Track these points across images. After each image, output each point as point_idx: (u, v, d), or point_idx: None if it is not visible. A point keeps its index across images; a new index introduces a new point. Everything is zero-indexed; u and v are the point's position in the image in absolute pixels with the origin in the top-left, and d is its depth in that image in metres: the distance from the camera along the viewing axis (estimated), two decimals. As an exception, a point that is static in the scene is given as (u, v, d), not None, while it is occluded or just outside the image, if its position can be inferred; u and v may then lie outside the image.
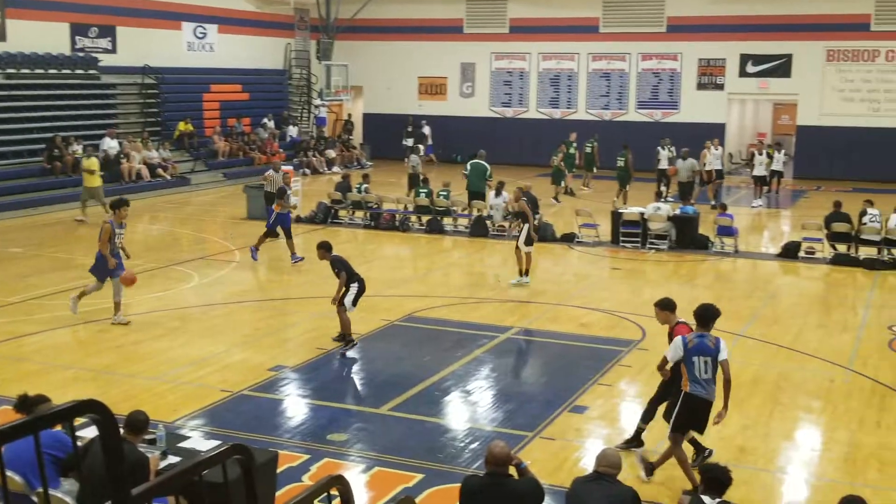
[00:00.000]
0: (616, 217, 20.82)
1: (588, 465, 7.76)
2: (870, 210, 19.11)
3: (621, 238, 20.35)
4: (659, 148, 27.16)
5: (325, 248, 12.65)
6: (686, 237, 20.15)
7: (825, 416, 10.52)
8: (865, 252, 18.85)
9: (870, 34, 31.34)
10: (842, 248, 19.13)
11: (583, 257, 19.56)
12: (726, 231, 20.09)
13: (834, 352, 12.80)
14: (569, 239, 20.80)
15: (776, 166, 27.78)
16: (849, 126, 31.64)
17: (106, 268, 13.29)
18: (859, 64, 31.67)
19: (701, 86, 33.90)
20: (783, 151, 29.00)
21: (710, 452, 8.93)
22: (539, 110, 36.30)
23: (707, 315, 8.61)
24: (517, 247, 16.51)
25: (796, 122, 33.73)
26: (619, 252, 19.90)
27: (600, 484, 6.32)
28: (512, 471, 6.57)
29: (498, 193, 21.32)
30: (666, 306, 9.12)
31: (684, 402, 8.32)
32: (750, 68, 33.12)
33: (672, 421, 8.42)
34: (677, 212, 20.68)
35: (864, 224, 18.83)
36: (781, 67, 32.64)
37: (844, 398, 11.00)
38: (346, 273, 12.40)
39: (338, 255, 12.76)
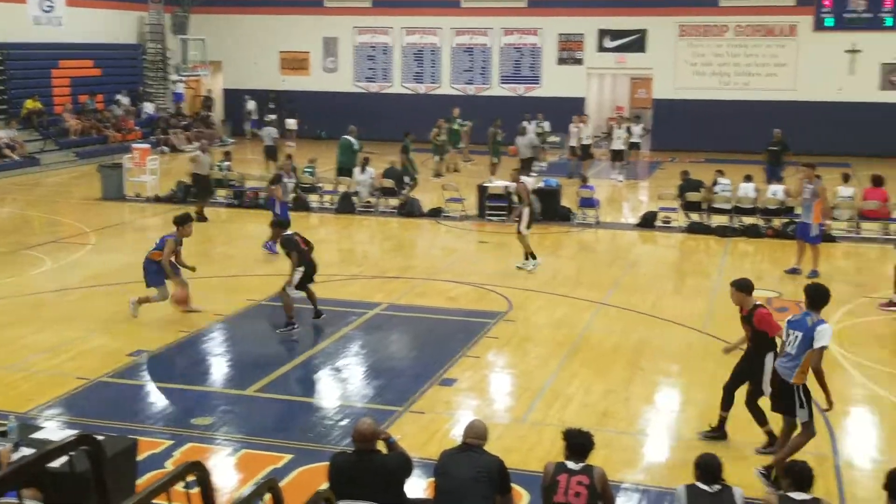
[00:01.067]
0: (482, 191, 21.01)
1: (458, 436, 7.81)
2: (721, 180, 19.90)
3: (487, 212, 20.55)
4: (524, 123, 27.47)
5: (279, 227, 12.98)
6: (550, 209, 20.51)
7: (683, 378, 10.91)
8: (718, 220, 19.63)
9: (718, 9, 32.55)
10: (695, 216, 19.86)
11: (450, 231, 19.67)
12: (588, 203, 20.56)
13: (690, 316, 13.29)
14: (435, 214, 20.87)
15: (634, 139, 28.63)
16: (701, 99, 32.83)
17: (159, 275, 12.71)
18: (709, 39, 32.87)
19: (561, 61, 34.51)
20: (641, 125, 29.82)
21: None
22: (404, 85, 36.24)
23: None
24: (519, 231, 15.95)
25: (652, 96, 34.76)
26: (485, 226, 20.11)
27: (468, 455, 6.37)
28: (382, 446, 6.56)
29: (363, 170, 21.21)
30: (742, 287, 8.84)
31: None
32: (607, 43, 33.93)
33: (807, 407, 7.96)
34: (541, 185, 21.01)
35: (716, 193, 19.60)
36: (637, 42, 33.57)
37: (700, 360, 11.43)
38: (296, 254, 12.18)
39: (290, 234, 12.55)
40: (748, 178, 19.86)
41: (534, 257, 15.95)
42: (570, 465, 6.30)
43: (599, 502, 6.25)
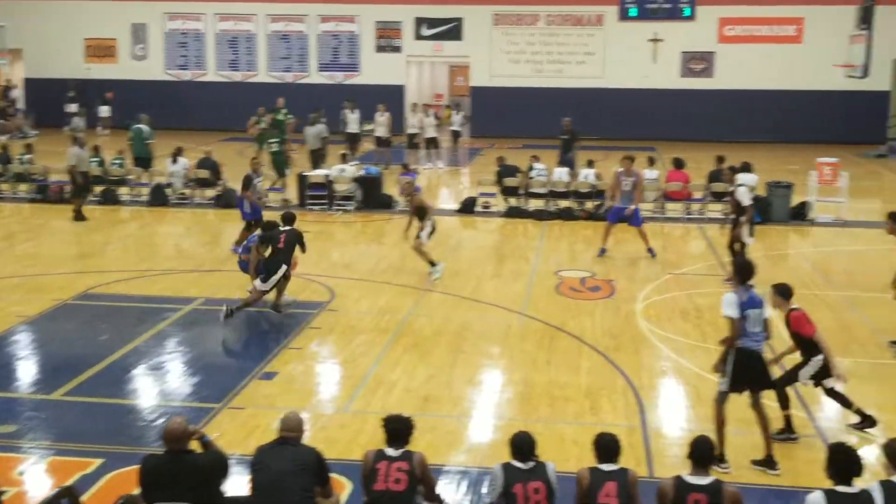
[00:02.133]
0: (302, 180, 20.76)
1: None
2: (536, 165, 20.45)
3: (308, 201, 20.32)
4: (347, 111, 27.21)
5: (266, 228, 12.73)
6: (372, 197, 20.52)
7: (503, 360, 11.15)
8: (534, 204, 20.17)
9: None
10: (513, 201, 20.34)
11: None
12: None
13: (509, 299, 13.59)
14: (254, 204, 20.42)
15: (455, 127, 28.91)
16: (517, 86, 33.62)
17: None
18: (522, 27, 33.68)
19: (380, 48, 34.52)
20: (461, 113, 30.14)
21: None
22: (219, 73, 35.30)
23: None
24: (420, 242, 14.71)
25: (470, 84, 35.31)
26: (306, 215, 19.83)
27: (284, 448, 6.27)
28: (197, 445, 6.35)
29: (175, 160, 20.53)
30: (782, 293, 8.88)
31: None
32: (425, 31, 34.19)
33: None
34: (362, 173, 20.96)
35: (532, 178, 20.13)
36: (453, 31, 33.99)
37: (520, 341, 11.72)
38: (271, 250, 12.24)
39: (274, 232, 12.52)
40: (571, 162, 20.50)
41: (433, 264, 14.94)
42: (390, 451, 6.30)
43: (420, 487, 6.29)
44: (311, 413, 9.42)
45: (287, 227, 12.66)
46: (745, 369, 8.23)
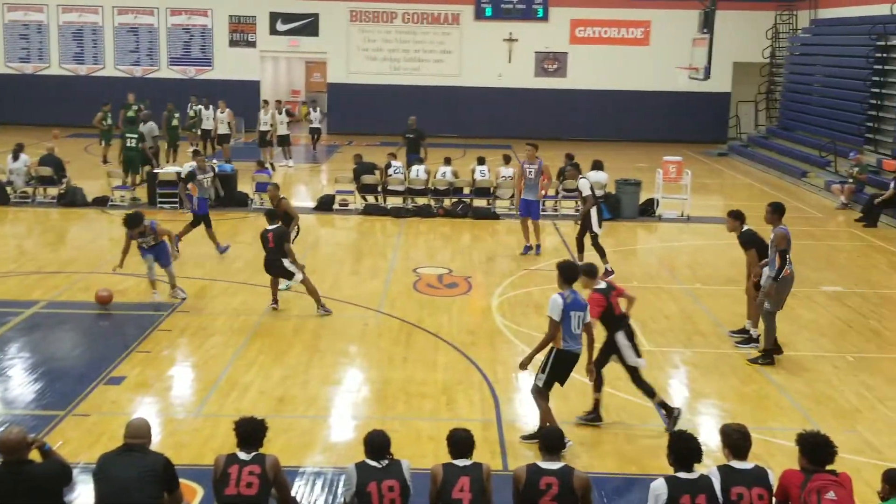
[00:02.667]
0: (152, 178, 20.13)
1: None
2: (394, 163, 20.46)
3: (159, 199, 19.72)
4: (201, 107, 26.43)
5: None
6: (226, 195, 20.06)
7: (360, 358, 11.10)
8: (392, 202, 20.19)
9: (387, -3, 33.45)
10: (371, 198, 20.31)
11: (116, 221, 18.56)
12: (264, 187, 20.29)
13: (367, 296, 13.56)
14: (101, 203, 19.70)
15: (315, 125, 28.51)
16: (374, 84, 33.58)
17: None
18: (380, 25, 33.64)
19: (233, 43, 33.83)
20: (319, 109, 29.77)
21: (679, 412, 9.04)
22: (63, 66, 33.82)
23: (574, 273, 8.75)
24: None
25: (327, 80, 35.03)
26: (157, 213, 19.24)
27: (130, 455, 6.06)
28: (38, 455, 6.07)
29: (16, 157, 19.57)
30: (587, 272, 9.13)
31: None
32: (280, 26, 33.71)
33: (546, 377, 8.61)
34: (216, 170, 20.45)
35: (390, 175, 20.14)
36: (309, 26, 33.65)
37: (376, 339, 11.70)
38: None
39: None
40: (419, 161, 20.58)
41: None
42: (242, 455, 6.18)
43: (273, 490, 6.19)
44: (161, 418, 9.14)
45: (273, 226, 12.55)
46: (562, 371, 8.64)
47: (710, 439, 8.71)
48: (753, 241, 11.70)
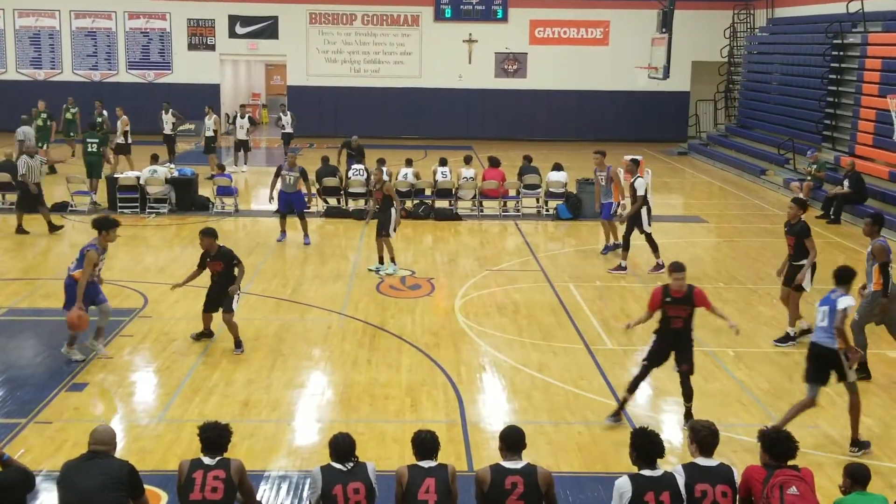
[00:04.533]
0: (112, 182, 19.93)
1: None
2: (355, 165, 20.43)
3: (119, 204, 19.53)
4: (162, 112, 26.20)
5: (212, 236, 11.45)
6: (186, 199, 19.95)
7: (323, 361, 11.07)
8: (354, 204, 20.15)
9: (347, -1, 33.37)
10: (333, 201, 20.26)
11: (77, 226, 18.42)
12: (226, 191, 20.23)
13: (329, 299, 13.53)
14: (61, 208, 19.46)
15: (287, 129, 27.97)
16: (334, 86, 33.50)
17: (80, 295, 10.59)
18: (339, 27, 33.57)
19: (192, 46, 33.59)
20: (289, 113, 28.81)
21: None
22: (20, 71, 33.38)
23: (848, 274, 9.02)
24: (386, 235, 15.09)
25: (287, 83, 34.88)
26: (118, 218, 19.05)
27: (94, 462, 6.01)
28: (-2, 464, 6.00)
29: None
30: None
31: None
32: (239, 29, 33.52)
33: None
34: (175, 174, 20.32)
35: (351, 178, 20.10)
36: (269, 29, 33.49)
37: (340, 342, 11.68)
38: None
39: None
40: (381, 163, 20.50)
41: (393, 262, 15.27)
42: (206, 460, 6.15)
43: (238, 495, 6.17)
44: (125, 424, 9.07)
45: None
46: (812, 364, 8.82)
47: (673, 437, 8.83)
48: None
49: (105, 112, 25.51)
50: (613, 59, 33.07)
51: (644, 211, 15.33)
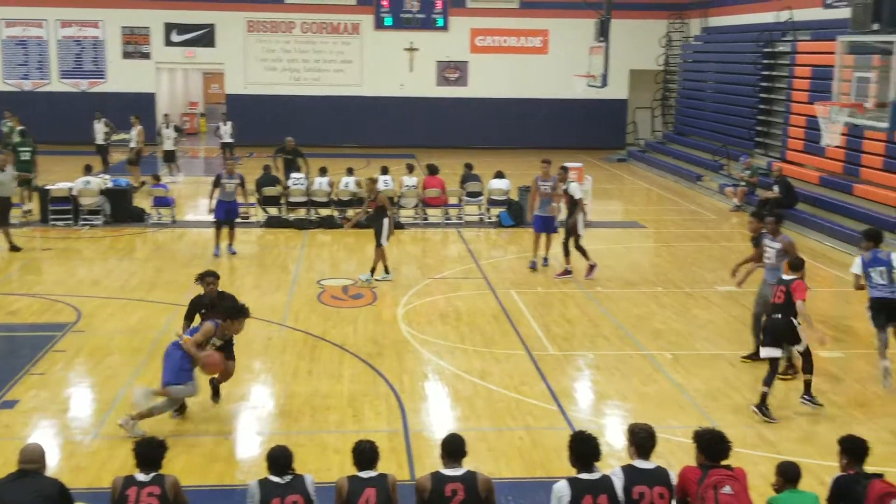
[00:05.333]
0: (44, 194, 19.51)
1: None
2: (294, 174, 20.28)
3: (51, 216, 19.13)
4: (94, 122, 25.72)
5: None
6: (121, 210, 19.61)
7: (264, 372, 10.93)
8: (295, 213, 20.00)
9: (285, 6, 33.08)
10: (273, 210, 20.08)
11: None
12: (162, 202, 19.93)
13: (270, 310, 13.37)
14: (-9, 221, 18.98)
15: (225, 139, 27.62)
16: (273, 94, 33.25)
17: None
18: (278, 35, 33.33)
19: (127, 54, 33.06)
20: (230, 123, 28.33)
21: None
22: (-53, 81, 32.59)
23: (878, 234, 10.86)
24: (380, 245, 15.04)
25: (225, 91, 34.54)
26: (49, 231, 18.70)
27: (24, 481, 5.86)
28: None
29: None
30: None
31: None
32: (175, 37, 33.09)
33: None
34: (109, 185, 19.96)
35: (290, 187, 19.95)
36: (206, 37, 33.12)
37: (280, 353, 11.55)
38: None
39: None
40: (323, 172, 20.43)
41: (386, 271, 15.24)
42: (140, 476, 6.02)
43: (173, 511, 6.06)
44: (58, 441, 8.86)
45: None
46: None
47: (614, 439, 8.89)
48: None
49: (10, 123, 24.59)
50: (553, 68, 33.34)
51: (580, 216, 15.40)
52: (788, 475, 6.24)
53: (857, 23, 12.78)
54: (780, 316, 9.60)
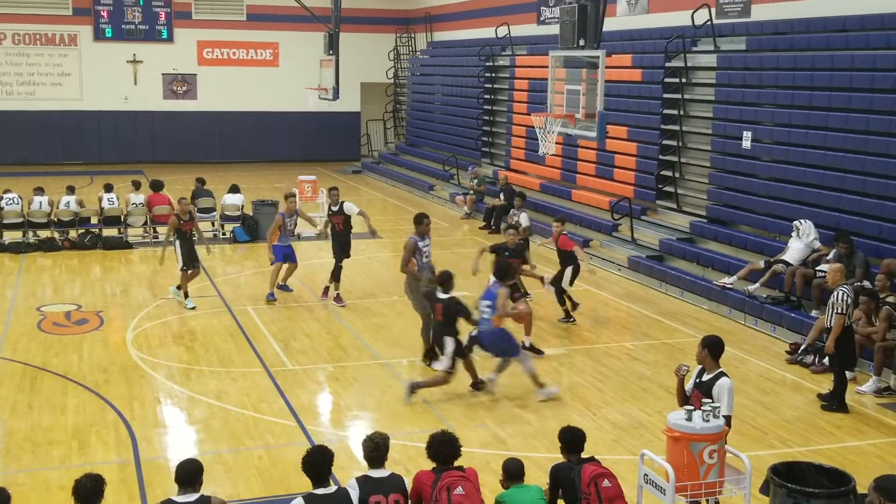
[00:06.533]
0: None
1: None
2: (7, 195, 18.82)
3: None
4: None
5: None
6: None
7: (-23, 410, 10.10)
8: (10, 236, 18.63)
9: (-7, 16, 30.82)
10: (-15, 234, 18.61)
11: None
12: None
13: (-17, 342, 12.38)
14: None
15: None
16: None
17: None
18: (-15, 46, 30.98)
19: None
20: None
21: None
22: None
23: None
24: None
25: (-74, 106, 31.56)
26: None
27: None
28: None
29: None
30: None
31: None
32: None
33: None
34: None
35: (3, 208, 18.54)
36: None
37: (-3, 388, 10.72)
38: None
39: None
40: (40, 191, 19.16)
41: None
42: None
43: None
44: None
45: (444, 297, 10.78)
46: None
47: (357, 451, 8.95)
48: None
49: None
50: (284, 80, 33.15)
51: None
52: (511, 472, 6.56)
53: (565, 39, 13.60)
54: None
